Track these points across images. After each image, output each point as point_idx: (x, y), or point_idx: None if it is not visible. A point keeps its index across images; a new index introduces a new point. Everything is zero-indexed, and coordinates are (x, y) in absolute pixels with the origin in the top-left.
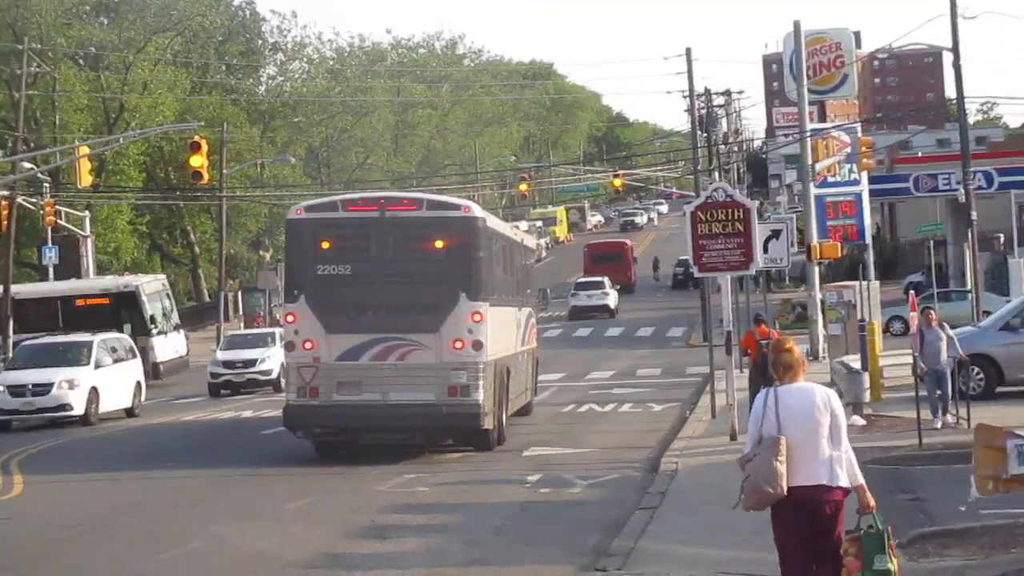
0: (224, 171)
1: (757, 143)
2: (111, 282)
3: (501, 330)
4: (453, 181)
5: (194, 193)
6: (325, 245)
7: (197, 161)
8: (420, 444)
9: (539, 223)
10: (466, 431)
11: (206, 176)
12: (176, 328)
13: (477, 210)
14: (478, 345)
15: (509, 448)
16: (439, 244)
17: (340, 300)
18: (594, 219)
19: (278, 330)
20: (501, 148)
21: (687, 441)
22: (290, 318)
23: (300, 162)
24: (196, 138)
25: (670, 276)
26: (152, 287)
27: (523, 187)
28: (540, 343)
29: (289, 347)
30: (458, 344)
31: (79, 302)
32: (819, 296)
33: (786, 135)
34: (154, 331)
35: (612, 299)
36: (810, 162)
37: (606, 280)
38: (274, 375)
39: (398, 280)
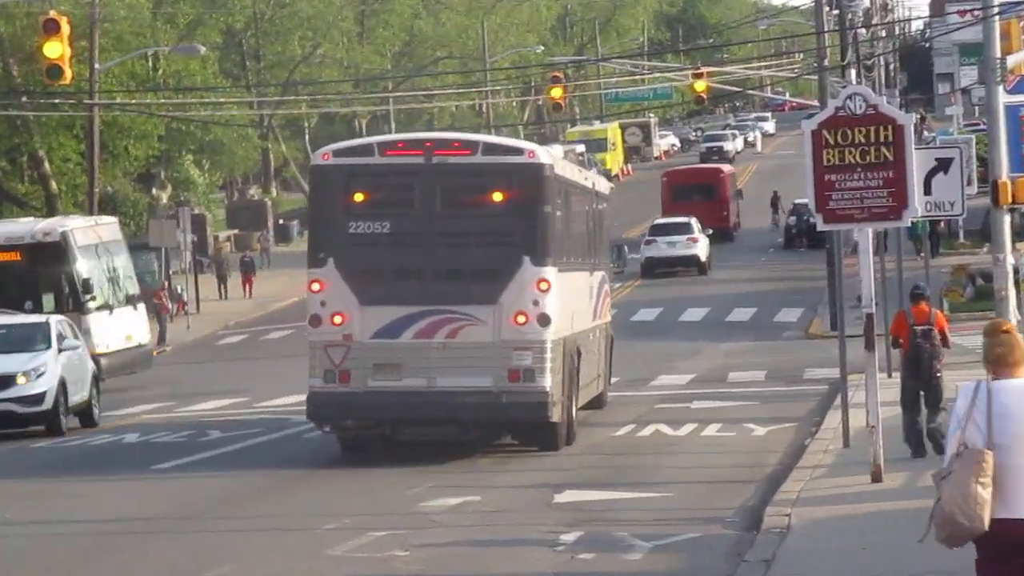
0: (96, 66)
1: (916, 27)
2: (23, 228)
3: (572, 301)
4: (449, 83)
5: (50, 99)
6: (358, 198)
7: (54, 50)
8: (472, 440)
9: (580, 148)
10: (530, 425)
11: (68, 73)
12: (131, 301)
13: (544, 154)
14: (545, 319)
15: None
16: (498, 197)
17: (377, 265)
18: (664, 142)
19: (55, 319)
20: (522, 34)
21: (806, 483)
22: (315, 286)
23: (215, 53)
24: (52, 14)
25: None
26: (87, 236)
27: (556, 92)
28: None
29: (314, 321)
30: (521, 318)
31: None
32: (1011, 261)
33: (961, 14)
34: (91, 305)
35: (702, 248)
36: (998, 55)
37: (693, 222)
38: (46, 404)
39: (448, 240)
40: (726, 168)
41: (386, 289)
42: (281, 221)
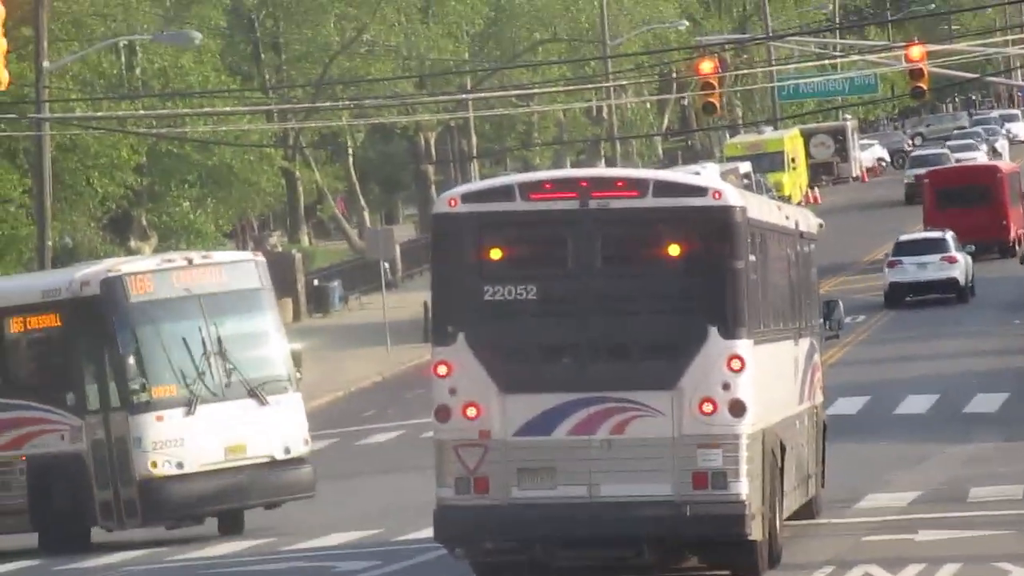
0: (45, 64)
1: None
2: (62, 277)
3: (773, 381)
4: (553, 77)
5: None
6: (496, 255)
7: None
8: (649, 566)
9: (745, 168)
10: (722, 544)
11: (2, 76)
12: (265, 390)
13: (734, 194)
14: (739, 408)
15: None
16: (675, 250)
17: (521, 340)
18: (866, 155)
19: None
20: (658, 5)
21: None
22: (442, 370)
23: (216, 42)
24: None
25: None
26: (166, 285)
27: (706, 67)
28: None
29: (442, 415)
30: (708, 407)
31: None
32: None
33: None
34: (141, 398)
35: (961, 269)
36: None
37: (950, 237)
38: None
39: (611, 308)
40: (1005, 166)
41: (533, 372)
42: (316, 282)
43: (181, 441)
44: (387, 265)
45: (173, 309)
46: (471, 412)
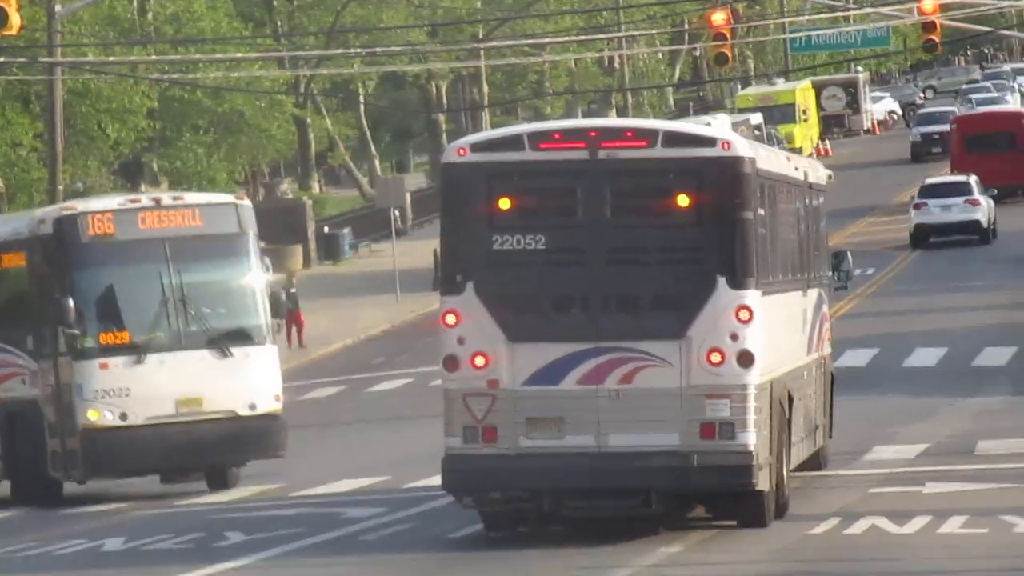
0: (57, 7)
1: None
2: (24, 219)
3: (781, 331)
4: (566, 27)
5: None
6: (505, 204)
7: None
8: (656, 516)
9: (755, 119)
10: (728, 494)
11: (14, 19)
12: (233, 339)
13: (743, 145)
14: (746, 358)
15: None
16: (684, 201)
17: (529, 290)
18: (878, 108)
19: None
20: None
21: None
22: (450, 319)
23: None
24: None
25: None
26: (129, 225)
27: (718, 18)
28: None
29: (450, 364)
30: (715, 357)
31: None
32: None
33: None
34: (84, 344)
35: (983, 212)
36: None
37: (973, 181)
38: None
39: (620, 258)
40: None
41: (542, 321)
42: (326, 230)
43: (126, 391)
44: (397, 213)
45: (132, 251)
46: (479, 361)
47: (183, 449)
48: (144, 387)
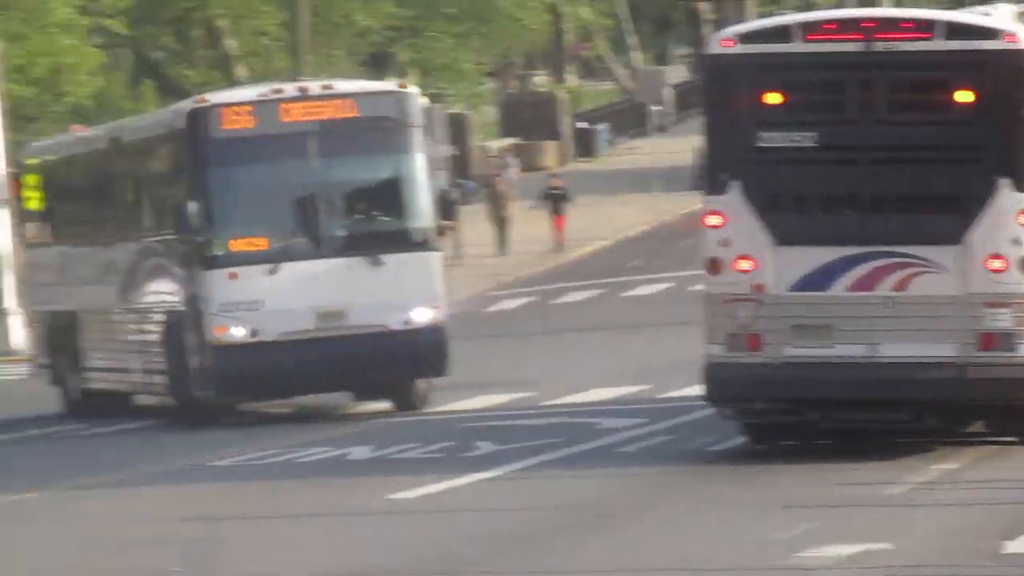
0: None
1: None
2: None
3: None
4: None
5: None
6: (773, 100)
7: None
8: (928, 431)
9: None
10: (1008, 410)
11: None
12: (389, 242)
13: None
14: None
15: None
16: (965, 97)
17: (798, 190)
18: None
19: None
20: None
21: None
22: (714, 220)
23: None
24: None
25: None
26: (268, 118)
27: None
28: None
29: (713, 267)
30: (996, 263)
31: None
32: None
33: None
34: (213, 251)
35: None
36: None
37: None
38: None
39: (895, 157)
40: None
41: (810, 223)
42: (581, 125)
43: (259, 304)
44: (657, 108)
45: (271, 147)
46: (744, 265)
47: (322, 368)
48: (278, 299)
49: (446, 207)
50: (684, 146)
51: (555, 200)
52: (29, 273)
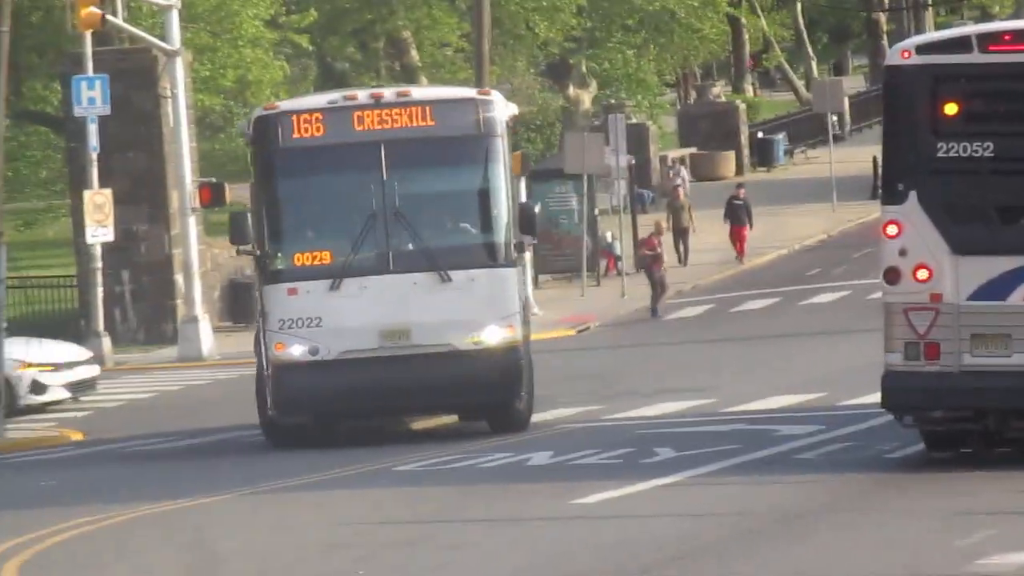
0: None
1: None
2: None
3: None
4: None
5: None
6: (951, 110)
7: None
8: None
9: None
10: None
11: None
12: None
13: None
14: None
15: None
16: None
17: (975, 200)
18: None
19: None
20: None
21: None
22: (892, 229)
23: None
24: None
25: None
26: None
27: None
28: None
29: (891, 276)
30: None
31: None
32: None
33: None
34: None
35: None
36: None
37: None
38: None
39: None
40: None
41: (988, 233)
42: (760, 135)
43: (318, 320)
44: (835, 118)
45: (340, 157)
46: (922, 274)
47: (384, 390)
48: (339, 316)
49: (527, 221)
50: (862, 156)
51: (736, 211)
52: None
